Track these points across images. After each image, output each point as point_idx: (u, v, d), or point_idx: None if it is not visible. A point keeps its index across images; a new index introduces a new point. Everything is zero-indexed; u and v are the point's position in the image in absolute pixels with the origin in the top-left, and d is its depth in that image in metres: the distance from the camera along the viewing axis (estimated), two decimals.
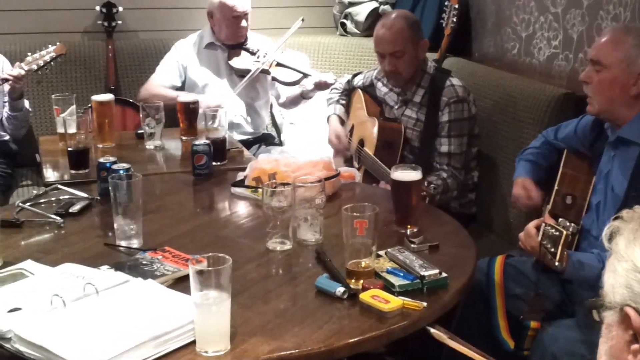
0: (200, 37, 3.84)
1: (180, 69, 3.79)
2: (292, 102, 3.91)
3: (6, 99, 3.58)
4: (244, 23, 3.74)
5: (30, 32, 4.08)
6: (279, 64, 3.77)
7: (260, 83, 3.83)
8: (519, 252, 2.42)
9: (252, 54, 3.79)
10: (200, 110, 3.26)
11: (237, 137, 3.64)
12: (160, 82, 3.75)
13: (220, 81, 3.79)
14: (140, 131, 3.21)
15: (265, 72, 3.75)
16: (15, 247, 2.07)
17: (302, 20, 3.84)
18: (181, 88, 3.78)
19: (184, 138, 3.22)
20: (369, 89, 3.33)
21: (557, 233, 1.94)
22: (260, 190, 2.37)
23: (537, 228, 2.07)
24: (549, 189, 2.41)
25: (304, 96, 3.81)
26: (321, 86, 3.68)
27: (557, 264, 1.95)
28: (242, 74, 3.76)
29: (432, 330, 1.70)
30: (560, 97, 2.86)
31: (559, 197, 2.34)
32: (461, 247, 2.08)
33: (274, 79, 3.78)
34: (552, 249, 1.94)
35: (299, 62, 3.83)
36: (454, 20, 3.66)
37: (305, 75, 3.73)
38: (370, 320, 1.65)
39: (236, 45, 3.81)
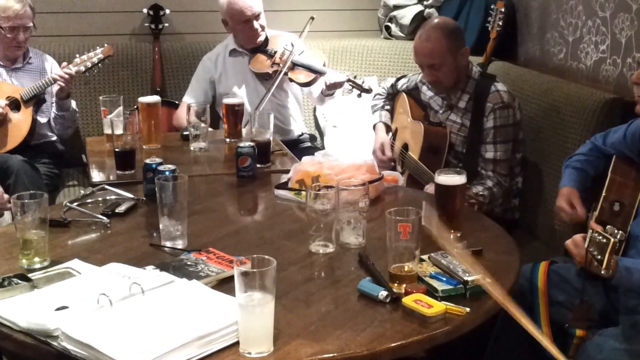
0: (224, 46, 3.88)
1: (207, 85, 3.82)
2: (319, 100, 3.92)
3: (54, 99, 3.65)
4: (256, 25, 3.74)
5: (79, 34, 4.16)
6: (295, 65, 3.76)
7: (287, 83, 3.84)
8: (562, 259, 2.39)
9: (270, 56, 3.79)
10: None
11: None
12: (191, 101, 3.75)
13: (248, 87, 3.80)
14: (185, 133, 3.25)
15: (285, 74, 3.75)
16: (63, 247, 2.10)
17: (312, 19, 3.83)
18: (212, 102, 3.80)
19: (228, 140, 3.25)
20: (413, 92, 3.31)
21: (605, 240, 1.91)
22: (303, 192, 2.38)
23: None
24: (596, 194, 2.38)
25: (324, 94, 3.81)
26: (334, 86, 3.67)
27: (603, 271, 1.92)
28: (263, 77, 3.78)
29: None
30: (607, 103, 2.82)
31: (606, 204, 2.30)
32: (505, 253, 2.07)
33: (291, 80, 3.79)
34: (599, 257, 1.91)
35: (315, 61, 3.81)
36: (500, 23, 3.63)
37: (321, 73, 3.72)
38: (413, 325, 1.64)
39: (256, 49, 3.81)
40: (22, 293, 1.73)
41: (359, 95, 3.63)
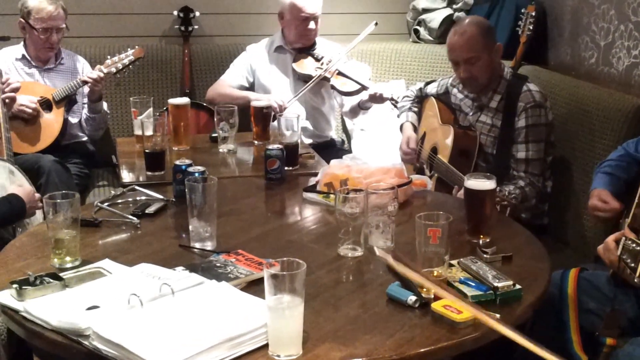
0: (271, 41, 3.91)
1: (249, 70, 3.85)
2: (352, 112, 3.93)
3: (85, 100, 3.69)
4: (312, 25, 3.76)
5: (110, 35, 4.20)
6: (340, 73, 3.78)
7: (325, 89, 3.86)
8: (593, 266, 2.37)
9: (317, 60, 3.81)
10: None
11: (305, 141, 3.67)
12: (228, 83, 3.81)
13: (286, 84, 3.82)
14: (214, 135, 3.27)
15: (325, 79, 3.77)
16: (93, 246, 2.12)
17: (376, 24, 3.84)
18: (249, 89, 3.83)
19: (256, 142, 3.26)
20: (442, 97, 3.31)
21: (638, 248, 1.89)
22: (332, 196, 2.38)
23: (617, 242, 2.02)
24: (629, 203, 2.35)
25: (361, 107, 3.83)
26: (376, 99, 3.68)
27: (637, 279, 1.90)
28: (304, 79, 3.79)
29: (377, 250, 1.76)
30: (639, 108, 2.78)
31: (638, 211, 2.27)
32: (535, 259, 2.05)
33: (332, 87, 3.80)
34: (632, 264, 1.88)
35: (361, 73, 3.83)
36: (530, 27, 3.61)
37: (364, 87, 3.74)
38: (442, 330, 1.63)
39: (304, 50, 3.83)
40: (54, 292, 1.75)
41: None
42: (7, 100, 3.15)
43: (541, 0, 3.85)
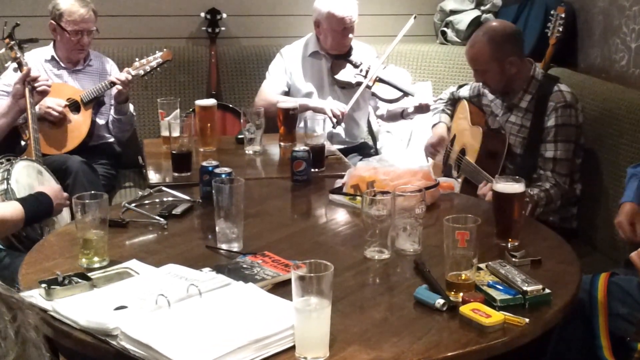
0: (305, 44, 3.87)
1: (287, 75, 3.83)
2: (391, 118, 3.92)
3: (113, 102, 3.71)
4: (350, 34, 3.75)
5: (138, 37, 4.22)
6: (380, 80, 3.76)
7: (361, 95, 3.83)
8: (624, 271, 2.34)
9: (355, 66, 3.79)
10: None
11: (335, 146, 3.65)
12: (274, 89, 3.78)
13: (323, 90, 3.81)
14: (240, 136, 3.27)
15: (367, 87, 3.75)
16: (121, 247, 2.13)
17: (415, 17, 3.82)
18: (287, 94, 3.82)
19: (282, 144, 3.26)
20: (474, 99, 3.30)
21: None
22: (358, 198, 2.37)
23: None
24: None
25: (404, 116, 3.81)
26: (422, 109, 3.66)
27: None
28: (343, 85, 3.78)
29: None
30: None
31: None
32: (564, 263, 2.02)
33: (374, 94, 3.79)
34: None
35: (401, 79, 3.81)
36: (560, 29, 3.57)
37: (406, 94, 3.72)
38: (470, 334, 1.62)
39: (340, 56, 3.81)
40: (82, 292, 1.76)
41: None
42: (36, 96, 3.18)
43: (571, 1, 3.81)
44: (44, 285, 1.74)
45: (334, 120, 3.60)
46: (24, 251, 2.27)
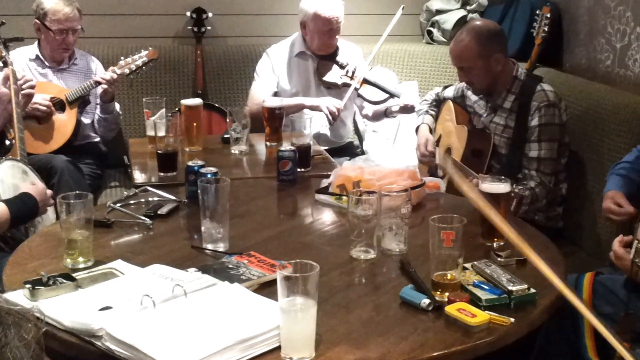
0: (291, 44, 3.84)
1: (274, 75, 3.81)
2: (375, 117, 3.91)
3: (98, 101, 3.69)
4: (336, 34, 3.74)
5: (123, 36, 4.20)
6: (367, 81, 3.75)
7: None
8: (608, 270, 2.35)
9: (342, 67, 3.78)
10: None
11: (322, 147, 3.65)
12: (264, 91, 3.74)
13: (309, 91, 3.80)
14: (226, 136, 3.26)
15: (355, 89, 3.75)
16: (106, 247, 2.12)
17: (403, 8, 3.82)
18: (276, 94, 3.80)
19: (268, 144, 3.25)
20: (459, 100, 3.30)
21: None
22: (344, 197, 2.37)
23: (628, 246, 2.00)
24: None
25: (387, 115, 3.80)
26: (407, 110, 3.66)
27: None
28: (329, 86, 3.78)
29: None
30: None
31: None
32: (550, 263, 2.00)
33: (360, 95, 3.78)
34: None
35: (387, 80, 3.81)
36: (545, 29, 3.58)
37: (392, 96, 3.72)
38: (456, 334, 1.62)
39: (327, 56, 3.80)
40: (67, 292, 1.75)
41: None
42: (22, 99, 3.15)
43: (556, 1, 3.83)
44: (28, 285, 1.73)
45: (330, 117, 3.59)
46: (8, 251, 2.25)
